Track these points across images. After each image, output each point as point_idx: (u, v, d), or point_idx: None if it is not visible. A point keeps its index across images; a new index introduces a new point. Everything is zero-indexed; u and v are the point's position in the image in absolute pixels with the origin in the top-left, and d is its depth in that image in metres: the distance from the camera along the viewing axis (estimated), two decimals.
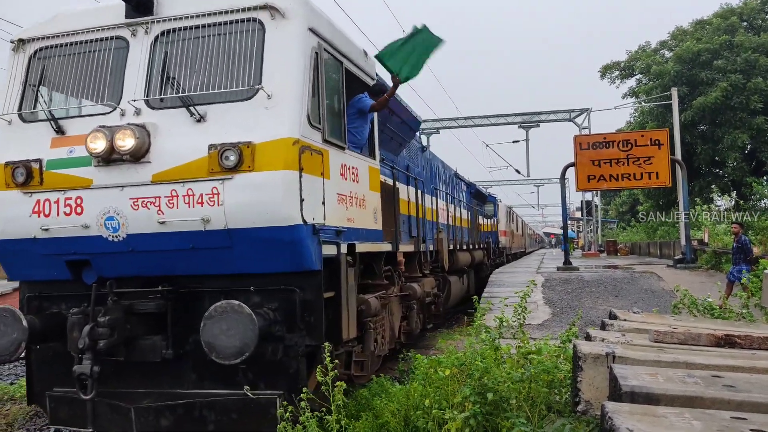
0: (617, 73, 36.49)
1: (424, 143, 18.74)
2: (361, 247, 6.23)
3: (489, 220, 22.72)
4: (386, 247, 7.33)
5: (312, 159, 5.11)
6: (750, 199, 30.29)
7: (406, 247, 8.73)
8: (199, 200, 4.81)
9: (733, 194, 28.56)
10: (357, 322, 6.01)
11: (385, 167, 8.21)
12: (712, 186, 34.28)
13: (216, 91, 5.00)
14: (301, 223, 4.82)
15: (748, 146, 31.36)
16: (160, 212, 4.88)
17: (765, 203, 30.10)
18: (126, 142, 4.84)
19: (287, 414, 4.41)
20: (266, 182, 4.73)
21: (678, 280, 13.31)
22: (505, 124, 36.88)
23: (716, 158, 30.89)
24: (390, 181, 8.48)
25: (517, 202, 70.66)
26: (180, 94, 5.02)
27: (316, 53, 5.38)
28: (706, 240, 22.18)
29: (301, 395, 4.47)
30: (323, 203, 5.27)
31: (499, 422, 4.09)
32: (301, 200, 4.84)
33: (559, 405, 4.38)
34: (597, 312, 11.13)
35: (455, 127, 37.40)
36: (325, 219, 5.26)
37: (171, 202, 4.87)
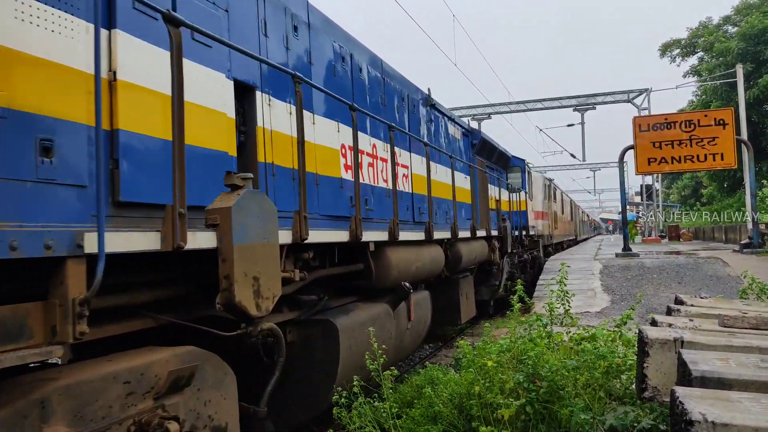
0: (678, 51, 35.17)
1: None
2: None
3: (514, 195, 15.34)
4: None
5: None
6: None
7: None
8: None
9: None
10: None
11: None
12: None
13: None
14: None
15: None
16: None
17: None
18: None
19: (342, 400, 4.41)
20: None
21: (745, 265, 12.70)
22: (559, 107, 36.06)
23: None
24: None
25: (573, 188, 69.24)
26: None
27: None
28: None
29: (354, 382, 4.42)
30: None
31: (557, 410, 3.98)
32: None
33: (619, 392, 4.23)
34: (659, 299, 10.74)
35: (507, 112, 36.83)
36: None
37: None
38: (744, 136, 21.42)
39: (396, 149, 7.21)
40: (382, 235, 6.35)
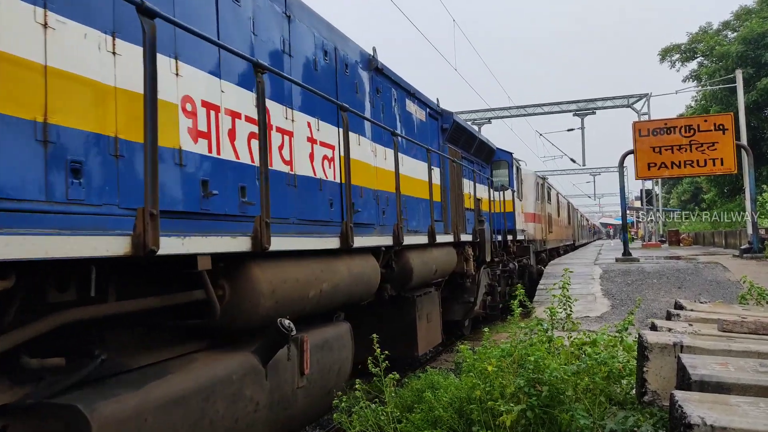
0: (678, 56, 35.29)
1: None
2: None
3: (498, 194, 12.83)
4: None
5: None
6: None
7: None
8: None
9: None
10: None
11: None
12: None
13: None
14: None
15: None
16: None
17: None
18: None
19: (343, 404, 4.42)
20: None
21: (745, 270, 12.73)
22: (559, 112, 36.10)
23: None
24: None
25: (573, 192, 69.29)
26: None
27: None
28: None
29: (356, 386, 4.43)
30: None
31: (557, 414, 3.99)
32: None
33: (620, 396, 4.25)
34: (659, 304, 10.76)
35: (507, 117, 36.87)
36: None
37: None
38: (744, 141, 21.46)
39: (310, 119, 5.26)
40: (239, 244, 3.64)
